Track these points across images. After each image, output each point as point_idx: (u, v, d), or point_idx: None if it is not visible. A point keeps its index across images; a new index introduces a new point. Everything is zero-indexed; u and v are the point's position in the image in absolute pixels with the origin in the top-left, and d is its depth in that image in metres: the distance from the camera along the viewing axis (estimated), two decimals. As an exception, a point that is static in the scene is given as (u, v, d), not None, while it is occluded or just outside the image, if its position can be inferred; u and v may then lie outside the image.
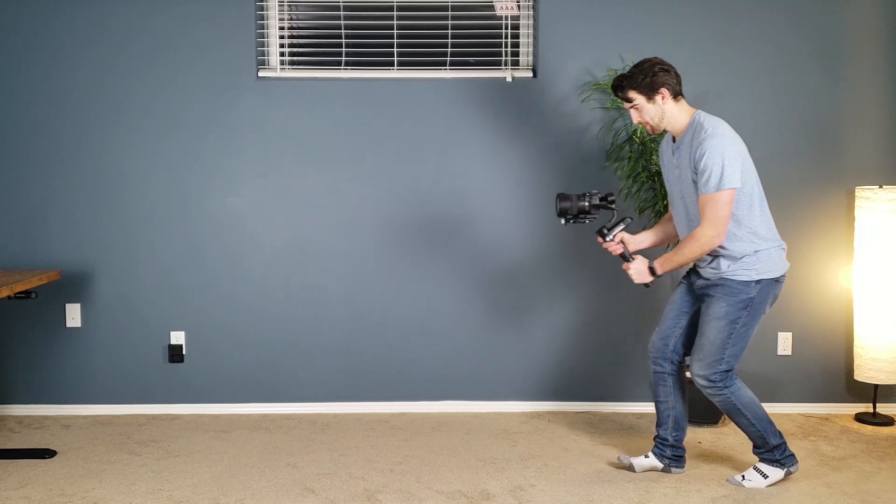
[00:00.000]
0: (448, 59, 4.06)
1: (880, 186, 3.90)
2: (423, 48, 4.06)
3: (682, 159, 3.11)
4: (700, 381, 3.12)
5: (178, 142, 4.01)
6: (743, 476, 3.22)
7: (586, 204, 3.21)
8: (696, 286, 3.19)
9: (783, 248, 3.14)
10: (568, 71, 4.01)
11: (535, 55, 4.05)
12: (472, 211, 4.03)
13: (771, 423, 3.17)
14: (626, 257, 3.21)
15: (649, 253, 3.38)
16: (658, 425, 3.32)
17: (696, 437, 3.75)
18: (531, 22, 4.07)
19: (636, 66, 3.13)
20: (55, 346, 4.06)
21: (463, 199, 4.04)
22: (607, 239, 3.21)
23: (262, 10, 4.05)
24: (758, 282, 3.04)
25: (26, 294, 3.49)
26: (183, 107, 3.99)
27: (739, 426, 3.19)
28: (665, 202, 3.83)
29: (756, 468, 3.22)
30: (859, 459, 3.50)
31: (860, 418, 4.00)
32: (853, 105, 4.05)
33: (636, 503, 3.05)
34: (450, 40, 4.06)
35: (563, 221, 3.26)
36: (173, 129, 4.00)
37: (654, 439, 3.34)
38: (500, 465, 3.40)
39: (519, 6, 4.08)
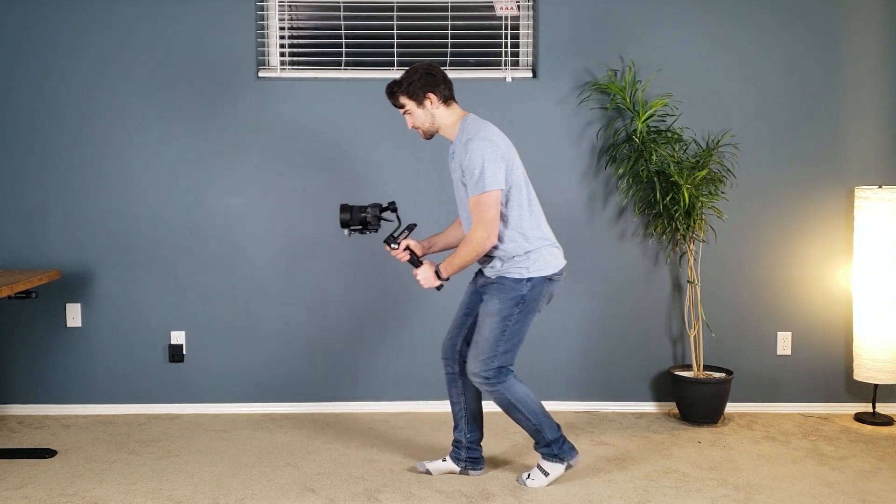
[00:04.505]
0: (448, 59, 4.06)
1: (880, 186, 3.90)
2: (423, 48, 4.06)
3: (456, 163, 3.10)
4: (474, 378, 3.10)
5: (178, 142, 4.01)
6: (528, 475, 3.21)
7: (367, 215, 3.16)
8: (479, 284, 3.21)
9: (557, 248, 3.13)
10: (568, 71, 4.02)
11: (534, 55, 4.05)
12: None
13: (547, 416, 3.16)
14: (414, 263, 3.16)
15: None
16: (454, 428, 3.30)
17: (697, 436, 3.76)
18: (531, 22, 4.08)
19: (406, 72, 3.11)
20: (55, 346, 4.06)
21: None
22: (393, 247, 3.16)
23: (262, 11, 4.05)
24: (529, 280, 3.04)
25: (27, 294, 3.49)
26: (183, 107, 4.00)
27: (516, 422, 3.16)
28: (665, 202, 3.84)
29: (539, 466, 3.20)
30: (859, 459, 3.50)
31: (860, 418, 4.01)
32: (853, 105, 4.05)
33: (636, 503, 3.05)
34: (450, 40, 4.06)
35: (346, 233, 3.20)
36: (173, 129, 4.01)
37: (452, 443, 3.32)
38: (500, 465, 3.40)
39: (519, 6, 4.09)
